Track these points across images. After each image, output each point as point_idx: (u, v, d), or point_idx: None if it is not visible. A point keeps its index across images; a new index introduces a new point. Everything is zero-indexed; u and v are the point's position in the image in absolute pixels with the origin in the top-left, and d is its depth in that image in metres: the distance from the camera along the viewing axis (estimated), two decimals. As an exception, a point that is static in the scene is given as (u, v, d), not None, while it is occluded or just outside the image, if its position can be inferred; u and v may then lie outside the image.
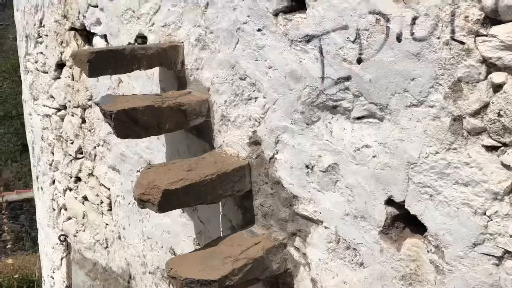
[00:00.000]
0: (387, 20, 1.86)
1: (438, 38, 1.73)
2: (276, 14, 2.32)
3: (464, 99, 1.69)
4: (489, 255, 1.69)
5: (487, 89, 1.62)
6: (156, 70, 3.22)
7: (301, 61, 2.24)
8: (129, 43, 3.47)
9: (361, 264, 2.14)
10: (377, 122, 1.98)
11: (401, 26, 1.82)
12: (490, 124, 1.63)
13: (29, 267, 9.46)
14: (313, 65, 2.18)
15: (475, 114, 1.67)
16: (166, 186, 2.47)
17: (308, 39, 2.19)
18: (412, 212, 1.91)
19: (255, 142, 2.58)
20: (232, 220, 2.87)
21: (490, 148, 1.64)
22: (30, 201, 13.40)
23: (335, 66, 2.09)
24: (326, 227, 2.27)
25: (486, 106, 1.64)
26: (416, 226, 1.94)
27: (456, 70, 1.69)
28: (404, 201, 1.93)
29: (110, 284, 4.53)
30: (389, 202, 1.99)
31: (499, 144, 1.61)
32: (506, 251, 1.64)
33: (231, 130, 2.71)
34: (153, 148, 3.50)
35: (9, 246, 10.02)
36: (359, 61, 1.99)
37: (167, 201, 2.48)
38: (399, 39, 1.84)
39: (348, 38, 2.01)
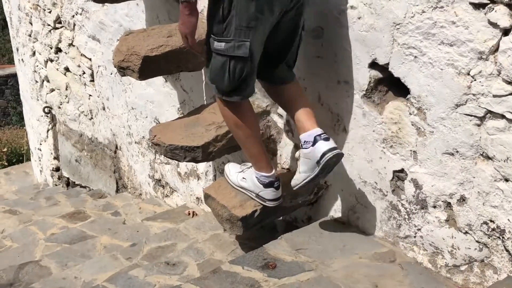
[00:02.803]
0: None
1: None
2: None
3: (454, -46, 1.60)
4: (471, 115, 1.68)
5: None
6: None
7: None
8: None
9: (344, 129, 2.14)
10: (362, -19, 1.90)
11: None
12: (480, -20, 1.56)
13: (17, 140, 9.52)
14: None
15: (464, -31, 1.59)
16: (146, 53, 2.42)
17: None
18: (395, 75, 1.88)
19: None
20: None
21: (478, 6, 1.58)
22: (15, 76, 13.24)
23: None
24: (309, 94, 2.25)
25: (476, -40, 1.56)
26: (399, 89, 1.91)
27: None
28: (388, 64, 1.89)
29: (97, 155, 4.58)
30: (373, 65, 1.96)
31: (487, 1, 1.55)
32: (488, 111, 1.63)
33: None
34: (132, 16, 3.39)
35: (-5, 120, 10.01)
36: None
37: (148, 67, 2.44)
38: None
39: None
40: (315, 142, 1.98)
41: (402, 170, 1.96)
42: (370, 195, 2.12)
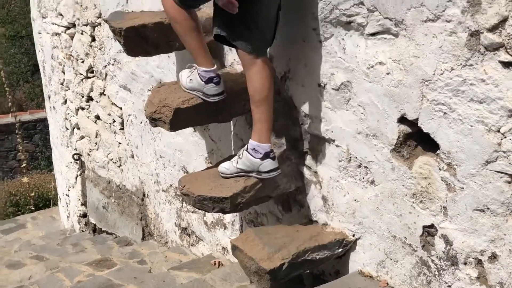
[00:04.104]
0: None
1: (458, -52, 1.65)
2: None
3: (482, 14, 1.63)
4: (502, 172, 1.68)
5: (506, 2, 1.56)
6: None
7: (314, -25, 2.16)
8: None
9: (372, 182, 2.14)
10: (391, 38, 1.93)
11: None
12: (508, 39, 1.58)
13: (44, 185, 9.61)
14: (327, -21, 2.11)
15: (493, 29, 1.61)
16: (177, 105, 2.46)
17: (322, -49, 2.10)
18: (425, 130, 1.89)
19: (266, 60, 2.54)
20: (244, 139, 2.86)
21: (507, 64, 1.59)
22: (44, 121, 13.47)
23: (349, -21, 2.02)
24: (337, 146, 2.26)
25: (505, 20, 1.58)
26: (429, 144, 1.92)
27: (475, -17, 1.62)
28: (417, 119, 1.91)
29: (124, 202, 4.62)
30: (402, 120, 1.97)
31: (517, 60, 1.57)
32: (519, 169, 1.63)
33: (242, 47, 2.66)
34: (163, 67, 3.46)
35: (24, 165, 10.17)
36: (375, -26, 1.92)
37: (178, 119, 2.48)
38: (417, -50, 1.76)
39: (363, -51, 1.93)
40: (264, 157, 2.28)
41: (432, 226, 1.95)
42: (400, 250, 2.10)
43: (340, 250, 2.33)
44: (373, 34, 2.00)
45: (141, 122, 4.00)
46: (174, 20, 2.35)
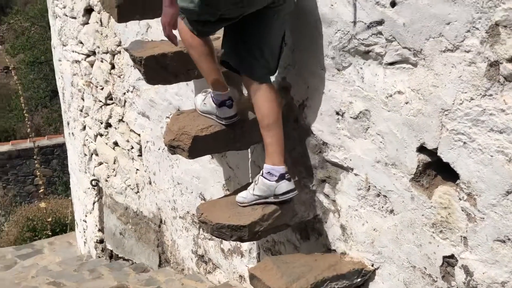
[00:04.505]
0: (423, -39, 1.79)
1: (477, -21, 1.66)
2: (307, -44, 2.26)
3: (502, 44, 1.63)
4: (523, 203, 1.66)
5: (526, 33, 1.57)
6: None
7: (332, 5, 2.18)
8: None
9: (391, 211, 2.13)
10: (410, 68, 1.94)
11: (438, -33, 1.76)
12: (529, 70, 1.58)
13: (62, 210, 9.66)
14: (345, 9, 2.13)
15: (513, 59, 1.61)
16: (196, 133, 2.48)
17: (340, -18, 2.13)
18: (444, 160, 1.88)
19: (284, 88, 2.55)
20: (261, 166, 2.85)
21: (528, 95, 1.59)
22: (61, 146, 13.58)
23: (367, 9, 2.03)
24: (356, 174, 2.26)
25: (525, 51, 1.58)
26: (448, 174, 1.91)
27: (494, 14, 1.63)
28: (436, 149, 1.90)
29: (141, 228, 4.62)
30: (421, 149, 1.97)
31: (538, 91, 1.57)
32: (541, 200, 1.62)
33: (261, 76, 2.68)
34: (182, 95, 3.50)
35: (41, 190, 10.23)
36: (393, 4, 1.93)
37: (197, 147, 2.49)
38: (435, -19, 1.77)
39: (381, -20, 1.95)
40: (280, 179, 2.28)
41: (452, 256, 1.93)
42: (419, 280, 2.08)
43: (358, 280, 2.31)
44: (391, 64, 2.01)
45: (159, 149, 4.03)
46: (189, 46, 2.41)
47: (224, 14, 2.22)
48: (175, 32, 2.27)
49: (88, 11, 4.71)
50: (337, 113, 2.29)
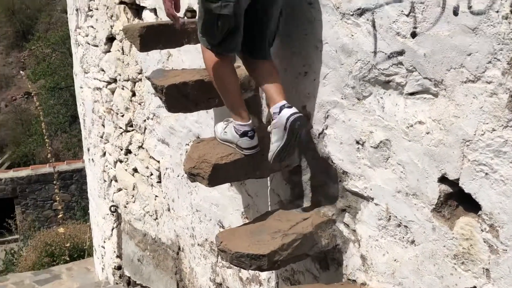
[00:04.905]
0: (444, -7, 1.81)
1: (497, 12, 1.67)
2: (327, -13, 2.28)
3: (524, 75, 1.63)
4: (547, 235, 1.64)
5: (549, 64, 1.56)
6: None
7: (352, 35, 2.20)
8: (179, 17, 3.47)
9: (412, 242, 2.12)
10: (431, 98, 1.94)
11: (459, -1, 1.77)
12: (552, 101, 1.57)
13: (80, 236, 9.69)
14: (365, 39, 2.14)
15: (535, 90, 1.61)
16: (216, 161, 2.49)
17: (361, 12, 2.14)
18: (466, 191, 1.87)
19: (304, 116, 2.56)
20: (281, 195, 2.87)
21: (551, 126, 1.59)
22: (80, 171, 13.70)
23: (388, 40, 2.05)
24: (376, 204, 2.25)
25: (547, 82, 1.58)
26: (470, 205, 1.90)
27: (516, 45, 1.63)
28: (458, 179, 1.89)
29: (159, 255, 4.62)
30: (443, 179, 1.96)
31: (561, 122, 1.56)
32: None
33: (280, 104, 2.70)
34: (202, 122, 3.52)
35: (60, 215, 10.28)
36: (414, 35, 1.94)
37: (217, 175, 2.50)
38: (455, 12, 1.78)
39: (402, 11, 1.96)
40: (280, 110, 2.32)
41: (474, 288, 1.91)
42: (441, 312, 2.06)
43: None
44: (412, 94, 2.01)
45: (178, 176, 4.05)
46: (214, 75, 2.46)
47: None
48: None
49: (110, 39, 4.79)
50: (357, 142, 2.29)
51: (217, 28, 2.34)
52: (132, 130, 4.73)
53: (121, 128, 4.89)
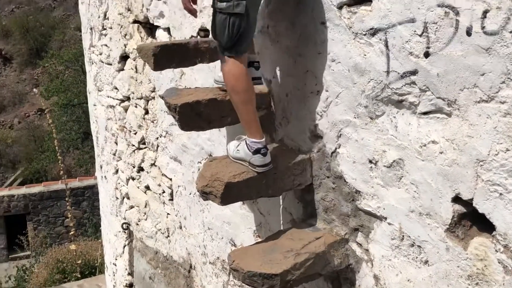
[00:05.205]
0: (457, 13, 1.81)
1: (510, 32, 1.67)
2: (340, 7, 2.30)
3: (538, 95, 1.63)
4: None
5: None
6: (218, 63, 3.24)
7: (365, 55, 2.21)
8: (192, 36, 3.50)
9: (426, 262, 2.11)
10: (444, 118, 1.94)
11: (471, 19, 1.77)
12: None
13: (91, 253, 9.71)
14: (378, 59, 2.15)
15: (549, 111, 1.61)
16: (228, 179, 2.49)
17: (373, 32, 2.15)
18: (480, 211, 1.86)
19: (316, 135, 2.57)
20: (293, 213, 2.87)
21: None
22: (92, 188, 13.77)
23: (401, 59, 2.05)
24: (389, 224, 2.24)
25: (562, 102, 1.58)
26: (484, 225, 1.89)
27: (529, 65, 1.63)
28: (472, 199, 1.88)
29: (171, 273, 4.62)
30: (456, 199, 1.95)
31: None
32: None
33: (292, 123, 2.71)
34: (214, 140, 3.53)
35: (72, 232, 10.32)
36: (427, 55, 1.95)
37: (229, 193, 2.50)
38: (469, 33, 1.79)
39: (415, 31, 1.97)
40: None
41: (489, 310, 1.89)
42: (455, 333, 2.04)
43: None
44: (425, 113, 2.01)
45: (190, 193, 4.05)
46: (232, 90, 2.47)
47: None
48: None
49: (124, 58, 4.83)
50: (370, 162, 2.29)
51: (228, 29, 2.36)
52: (145, 148, 4.75)
53: (133, 145, 4.92)
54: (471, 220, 1.95)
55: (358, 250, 2.45)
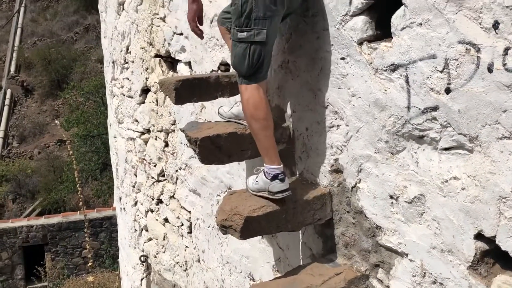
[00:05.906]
0: (478, 50, 1.82)
1: (533, 69, 1.67)
2: (360, 43, 2.32)
3: (561, 132, 1.62)
4: None
5: None
6: (238, 97, 3.27)
7: (386, 90, 2.22)
8: (213, 70, 3.54)
9: (448, 299, 2.08)
10: (466, 154, 1.93)
11: (493, 56, 1.78)
12: None
13: (108, 285, 9.70)
14: (399, 94, 2.16)
15: None
16: (248, 213, 2.49)
17: (394, 68, 2.16)
18: (503, 248, 1.84)
19: (336, 170, 2.57)
20: (312, 248, 2.85)
21: None
22: (110, 219, 13.79)
23: (421, 95, 2.06)
24: (411, 260, 2.22)
25: None
26: (507, 262, 1.87)
27: (552, 102, 1.63)
28: (495, 236, 1.86)
29: (188, 306, 4.59)
30: (479, 236, 1.93)
31: None
32: None
33: (312, 157, 2.71)
34: (233, 173, 3.54)
35: (90, 264, 10.31)
36: (448, 91, 1.95)
37: (249, 228, 2.50)
38: (490, 69, 1.79)
39: (436, 67, 1.98)
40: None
41: None
42: None
43: None
44: (447, 149, 2.01)
45: (208, 226, 4.05)
46: (251, 118, 2.47)
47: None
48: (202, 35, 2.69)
49: (145, 91, 4.89)
50: (391, 197, 2.28)
51: (249, 58, 2.40)
52: (164, 180, 4.77)
53: (153, 178, 4.94)
54: (494, 257, 1.93)
55: (379, 287, 2.42)
